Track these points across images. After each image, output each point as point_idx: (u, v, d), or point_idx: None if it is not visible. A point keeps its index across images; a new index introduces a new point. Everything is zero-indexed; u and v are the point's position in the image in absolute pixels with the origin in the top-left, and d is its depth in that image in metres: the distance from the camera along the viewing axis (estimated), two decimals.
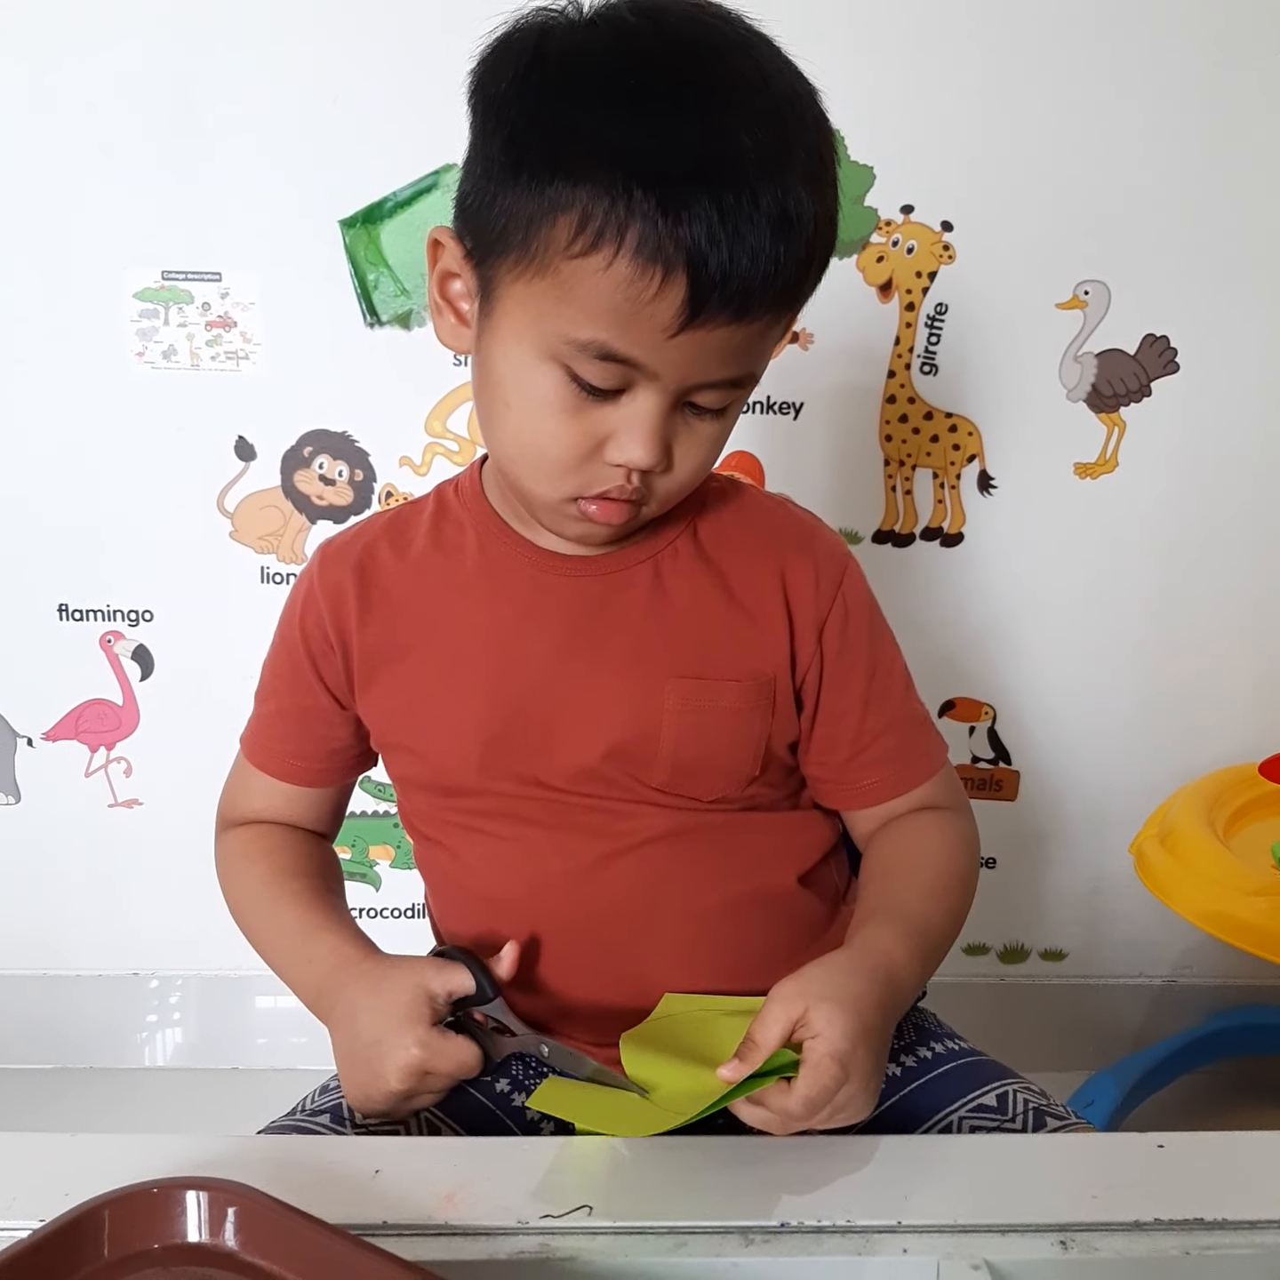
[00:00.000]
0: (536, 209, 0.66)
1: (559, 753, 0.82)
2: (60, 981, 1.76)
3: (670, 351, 0.68)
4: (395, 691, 0.85)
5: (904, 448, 1.59)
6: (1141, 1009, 1.81)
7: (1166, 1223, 0.61)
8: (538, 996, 0.82)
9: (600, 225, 0.64)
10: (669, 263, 0.64)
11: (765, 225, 0.65)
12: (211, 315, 1.51)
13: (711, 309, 0.66)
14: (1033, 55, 1.46)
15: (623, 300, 0.66)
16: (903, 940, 0.76)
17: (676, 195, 0.64)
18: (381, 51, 1.44)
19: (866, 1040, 0.69)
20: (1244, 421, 1.59)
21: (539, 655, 0.82)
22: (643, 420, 0.71)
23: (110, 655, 1.64)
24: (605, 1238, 0.60)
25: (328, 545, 0.89)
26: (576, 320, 0.68)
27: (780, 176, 0.66)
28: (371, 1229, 0.59)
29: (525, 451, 0.75)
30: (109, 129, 1.45)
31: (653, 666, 0.81)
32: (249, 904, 0.88)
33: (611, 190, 0.64)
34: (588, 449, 0.72)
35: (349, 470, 1.58)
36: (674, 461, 0.74)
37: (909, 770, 0.88)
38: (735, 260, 0.65)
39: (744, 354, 0.71)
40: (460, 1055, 0.73)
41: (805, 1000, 0.69)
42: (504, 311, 0.71)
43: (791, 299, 0.71)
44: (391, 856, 1.72)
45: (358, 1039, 0.75)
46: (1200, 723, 1.69)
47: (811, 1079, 0.67)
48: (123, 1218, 0.55)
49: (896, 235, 1.50)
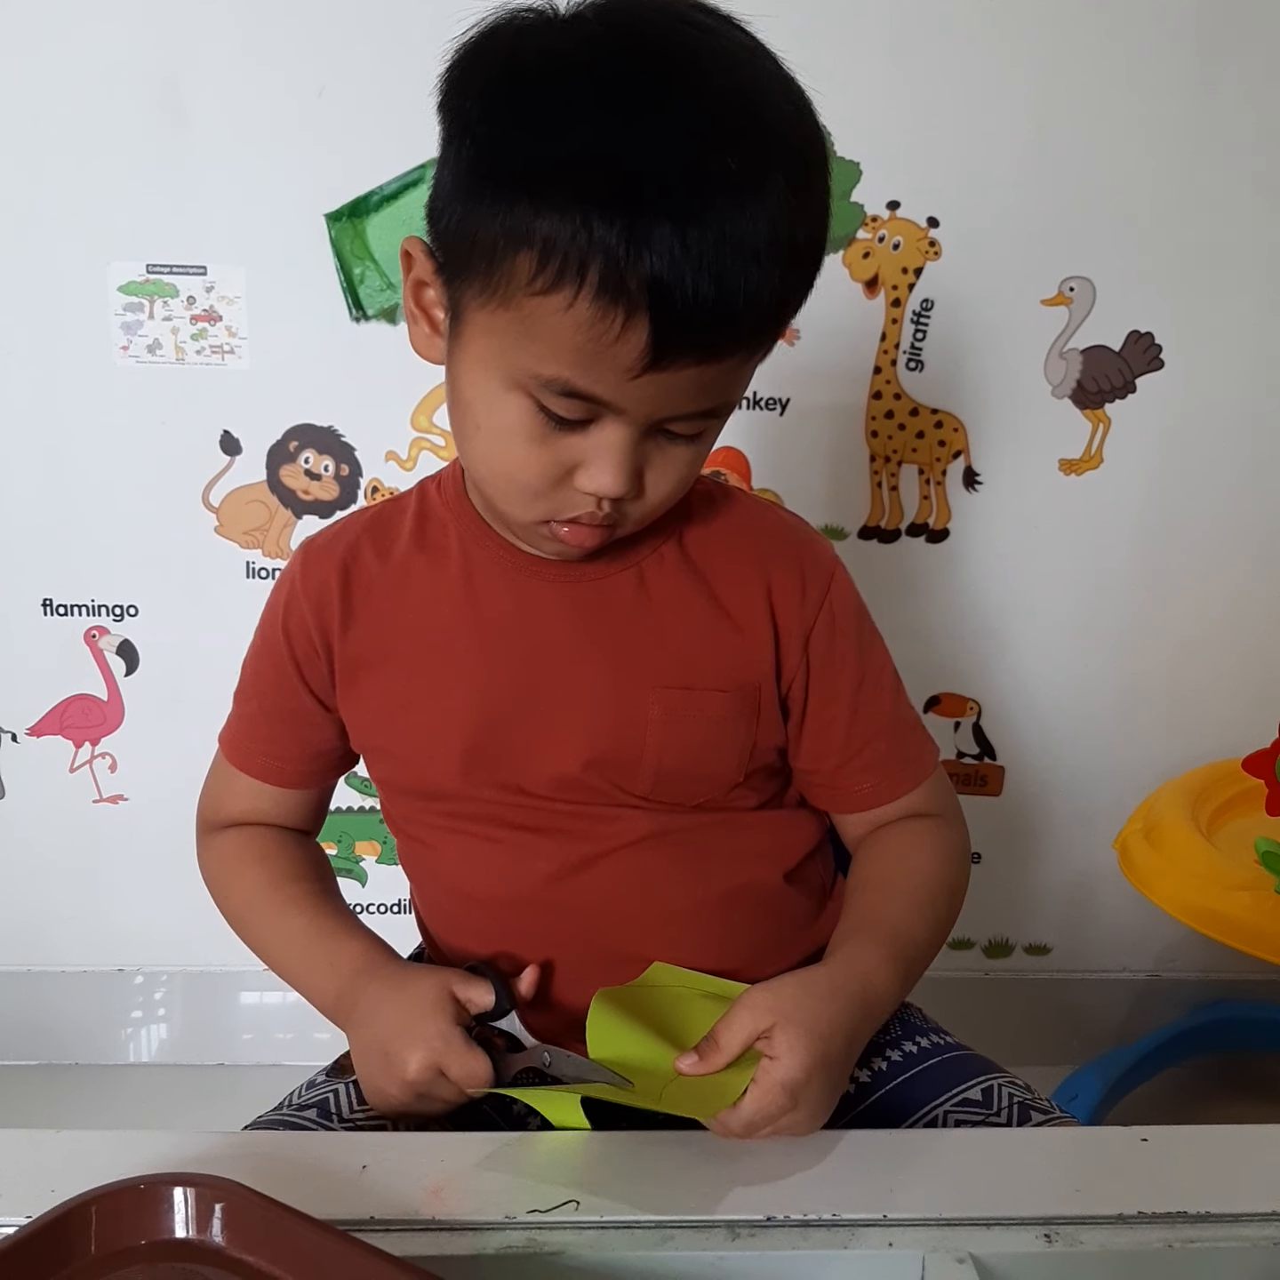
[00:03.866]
0: (499, 237, 0.64)
1: (540, 761, 0.81)
2: (45, 977, 1.76)
3: (635, 390, 0.66)
4: (376, 695, 0.84)
5: (890, 444, 1.59)
6: (1125, 1003, 1.82)
7: (1150, 1216, 0.62)
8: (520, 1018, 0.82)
9: (560, 263, 0.62)
10: (631, 304, 0.62)
11: (734, 259, 0.62)
12: (197, 309, 1.51)
13: (676, 351, 0.64)
14: (1019, 52, 1.46)
15: (585, 341, 0.64)
16: (886, 961, 0.76)
17: (639, 226, 0.60)
18: (368, 44, 1.43)
19: (824, 1071, 0.69)
20: (1228, 417, 1.59)
21: (521, 661, 0.81)
22: (611, 450, 0.69)
23: (95, 650, 1.63)
24: (592, 1232, 0.60)
25: (310, 544, 0.88)
26: (540, 356, 0.66)
27: (754, 205, 0.62)
28: (359, 1224, 0.59)
29: (496, 475, 0.74)
30: (94, 121, 1.44)
31: (637, 675, 0.81)
32: (251, 910, 0.88)
33: (572, 221, 0.61)
34: (557, 476, 0.71)
35: (335, 465, 1.58)
36: (646, 487, 0.73)
37: (899, 777, 0.87)
38: (700, 299, 0.62)
39: (715, 388, 0.69)
40: (473, 1065, 0.72)
41: (774, 1016, 0.69)
42: (471, 337, 0.70)
43: (765, 334, 0.69)
44: (378, 852, 1.72)
45: (379, 1033, 0.75)
46: (1184, 718, 1.70)
47: (757, 1105, 0.67)
48: (109, 1214, 0.55)
49: (883, 231, 1.51)
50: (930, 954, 0.82)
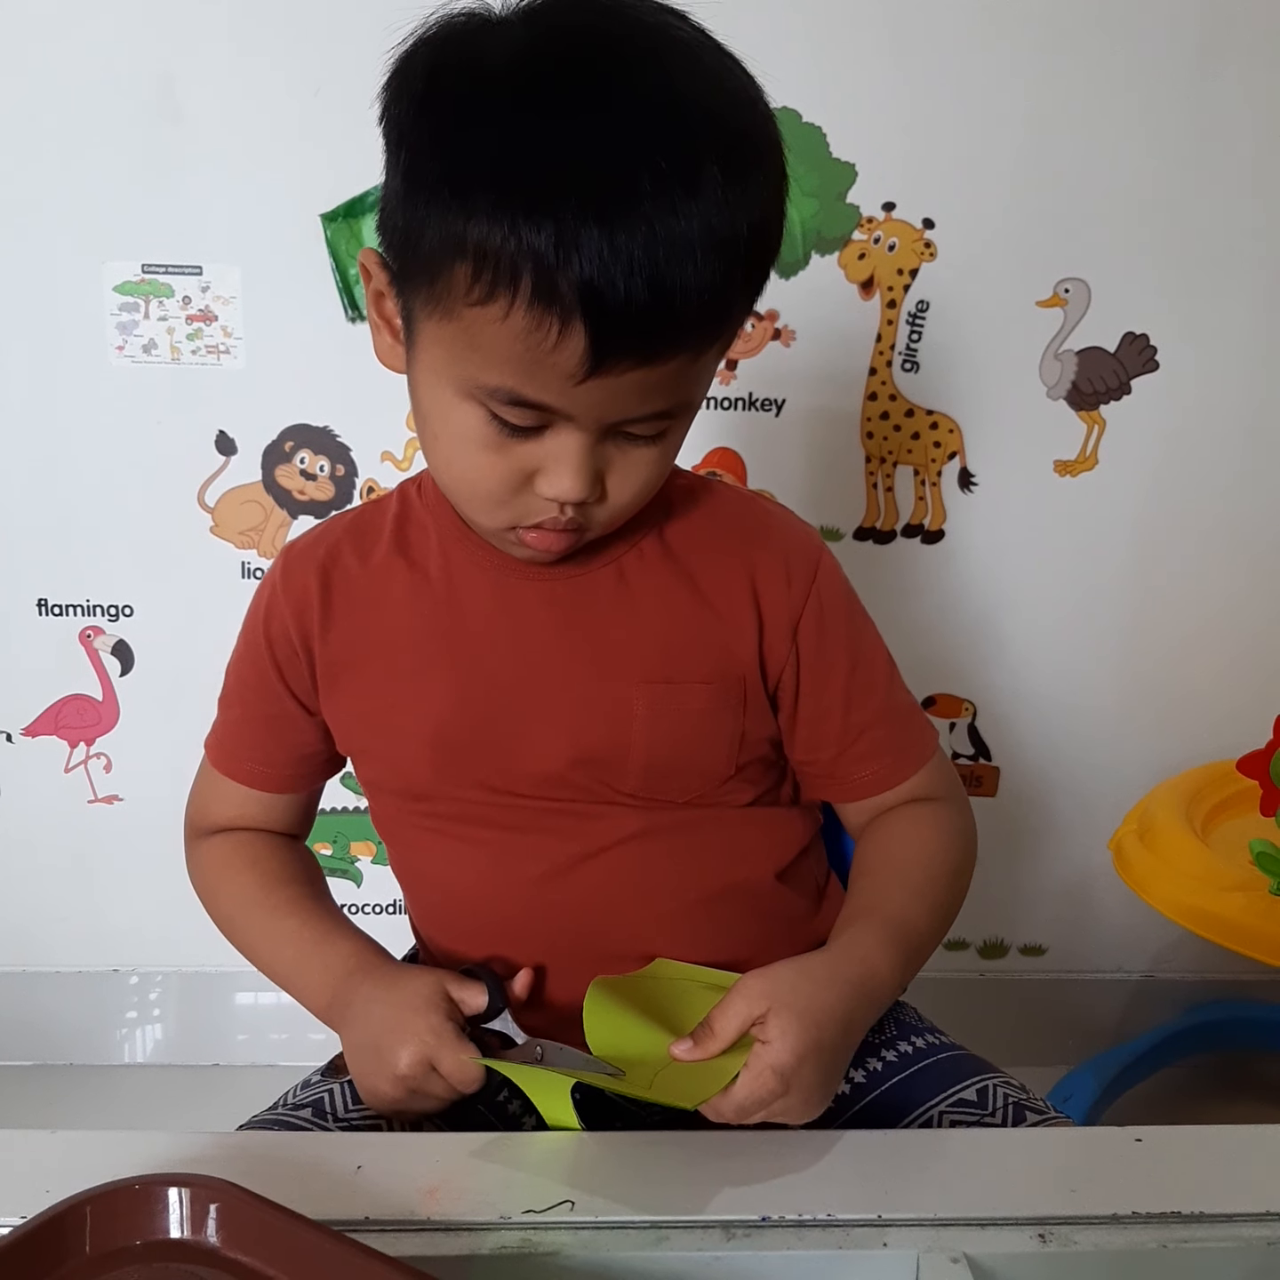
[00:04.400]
0: (436, 248, 0.64)
1: (524, 760, 0.81)
2: (40, 978, 1.76)
3: (581, 395, 0.66)
4: (358, 697, 0.84)
5: (885, 445, 1.59)
6: (1120, 1004, 1.82)
7: (1144, 1216, 0.62)
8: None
9: (493, 273, 0.62)
10: (565, 311, 0.62)
11: (667, 258, 0.61)
12: (192, 309, 1.51)
13: (616, 356, 0.64)
14: (1014, 53, 1.46)
15: (524, 350, 0.64)
16: (886, 946, 0.76)
17: (566, 231, 0.60)
18: (363, 44, 1.42)
19: (817, 1056, 0.69)
20: (1223, 419, 1.59)
21: (503, 660, 0.81)
22: (568, 456, 0.69)
23: (90, 650, 1.63)
24: (587, 1232, 0.60)
25: (290, 549, 0.88)
26: (484, 366, 0.66)
27: (686, 202, 0.61)
28: (354, 1224, 0.59)
29: (458, 484, 0.74)
30: (90, 121, 1.44)
31: (620, 672, 0.81)
32: (242, 913, 0.88)
33: (500, 227, 0.61)
34: (517, 483, 0.71)
35: (330, 465, 1.58)
36: (609, 490, 0.73)
37: (899, 762, 0.87)
38: (635, 302, 0.61)
39: (666, 389, 0.68)
40: (463, 1060, 0.72)
41: (768, 1001, 0.69)
42: (423, 346, 0.70)
43: (711, 331, 0.68)
44: (373, 853, 1.72)
45: (371, 1028, 0.75)
46: (1179, 719, 1.71)
47: (748, 1088, 0.68)
48: (105, 1214, 0.55)
49: (878, 232, 1.51)
50: (934, 939, 0.82)
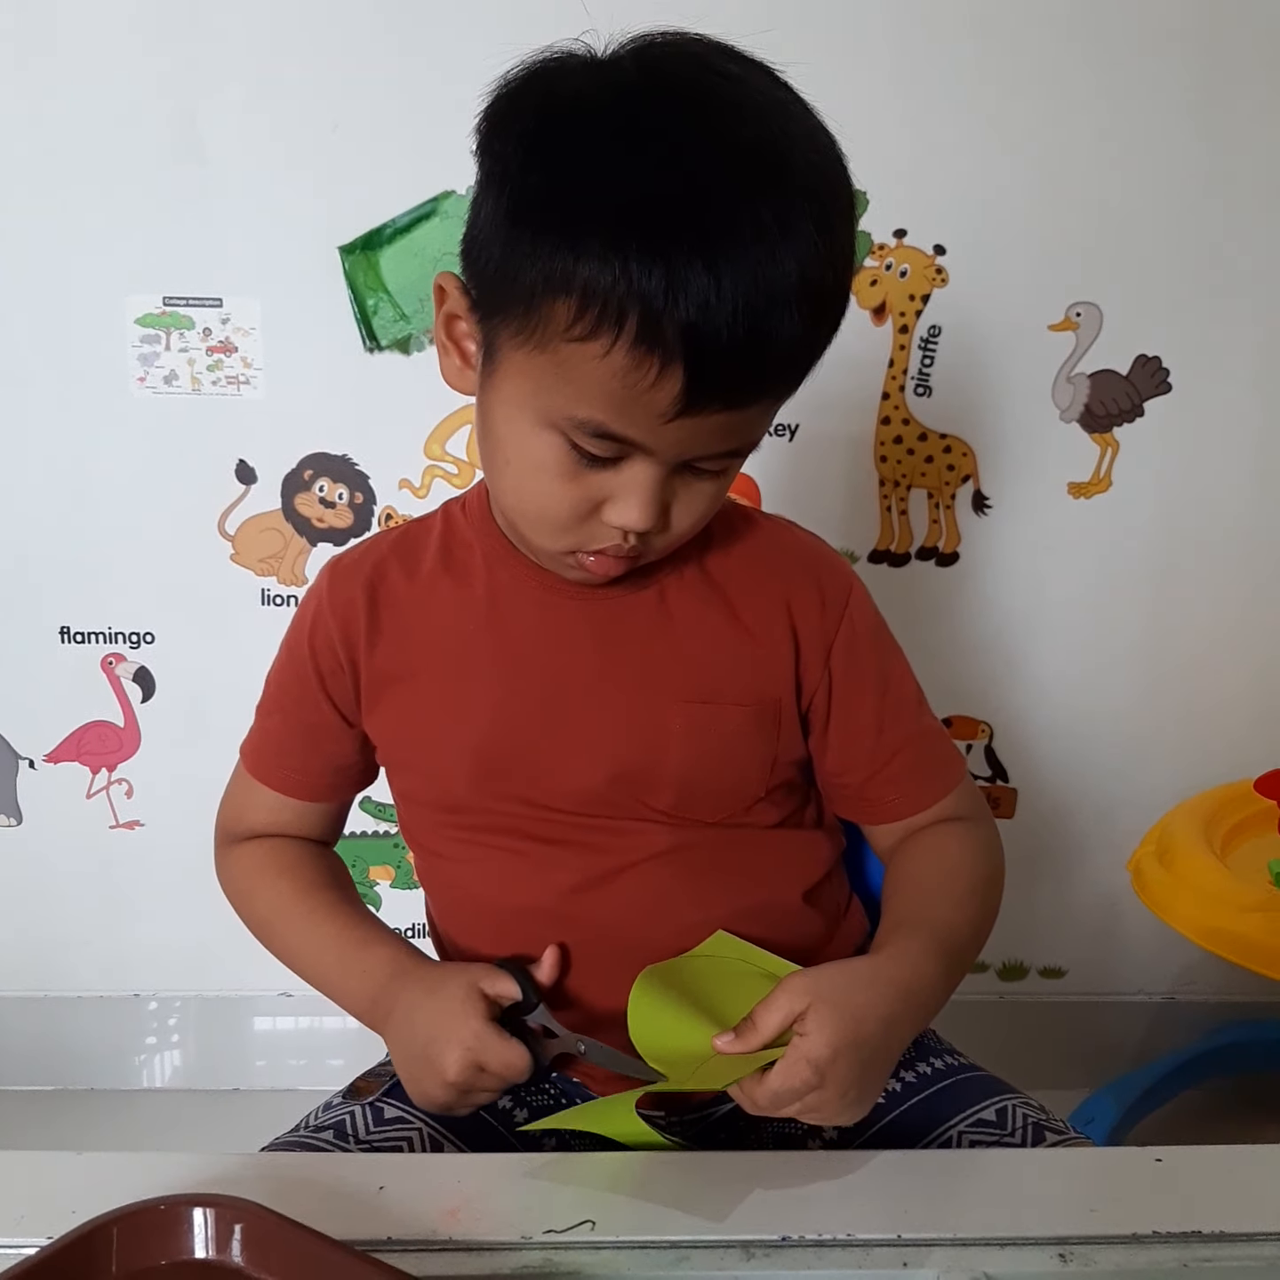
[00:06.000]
0: (538, 283, 0.65)
1: (562, 775, 0.82)
2: (61, 1003, 1.76)
3: (667, 433, 0.68)
4: (401, 711, 0.86)
5: (899, 468, 1.60)
6: (1141, 1026, 1.81)
7: (1164, 1236, 0.62)
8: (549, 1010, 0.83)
9: (599, 311, 0.64)
10: (667, 353, 0.64)
11: (767, 306, 0.64)
12: (212, 340, 1.53)
13: (708, 398, 0.66)
14: (1025, 79, 1.47)
15: (619, 387, 0.66)
16: (931, 954, 0.77)
17: (675, 275, 0.62)
18: (381, 79, 1.45)
19: (855, 1052, 0.70)
20: (1236, 441, 1.60)
21: (544, 677, 0.83)
22: (640, 487, 0.71)
23: (111, 677, 1.65)
24: (608, 1252, 0.60)
25: (337, 562, 0.89)
26: (575, 399, 0.68)
27: (786, 253, 0.64)
28: (376, 1244, 0.59)
29: (525, 508, 0.76)
30: (112, 155, 1.46)
31: (658, 691, 0.82)
32: (279, 918, 0.89)
33: (611, 269, 0.62)
34: (586, 510, 0.73)
35: (349, 493, 1.59)
36: (671, 520, 0.75)
37: (929, 785, 0.89)
38: (734, 347, 0.64)
39: (743, 430, 0.72)
40: (509, 1056, 0.75)
41: (810, 997, 0.70)
42: (505, 375, 0.72)
43: (792, 379, 0.71)
44: (392, 876, 1.73)
45: (416, 1037, 0.77)
46: (1196, 740, 1.70)
47: (782, 1078, 0.69)
48: (131, 1234, 0.55)
49: (890, 259, 1.52)
50: (975, 946, 0.83)
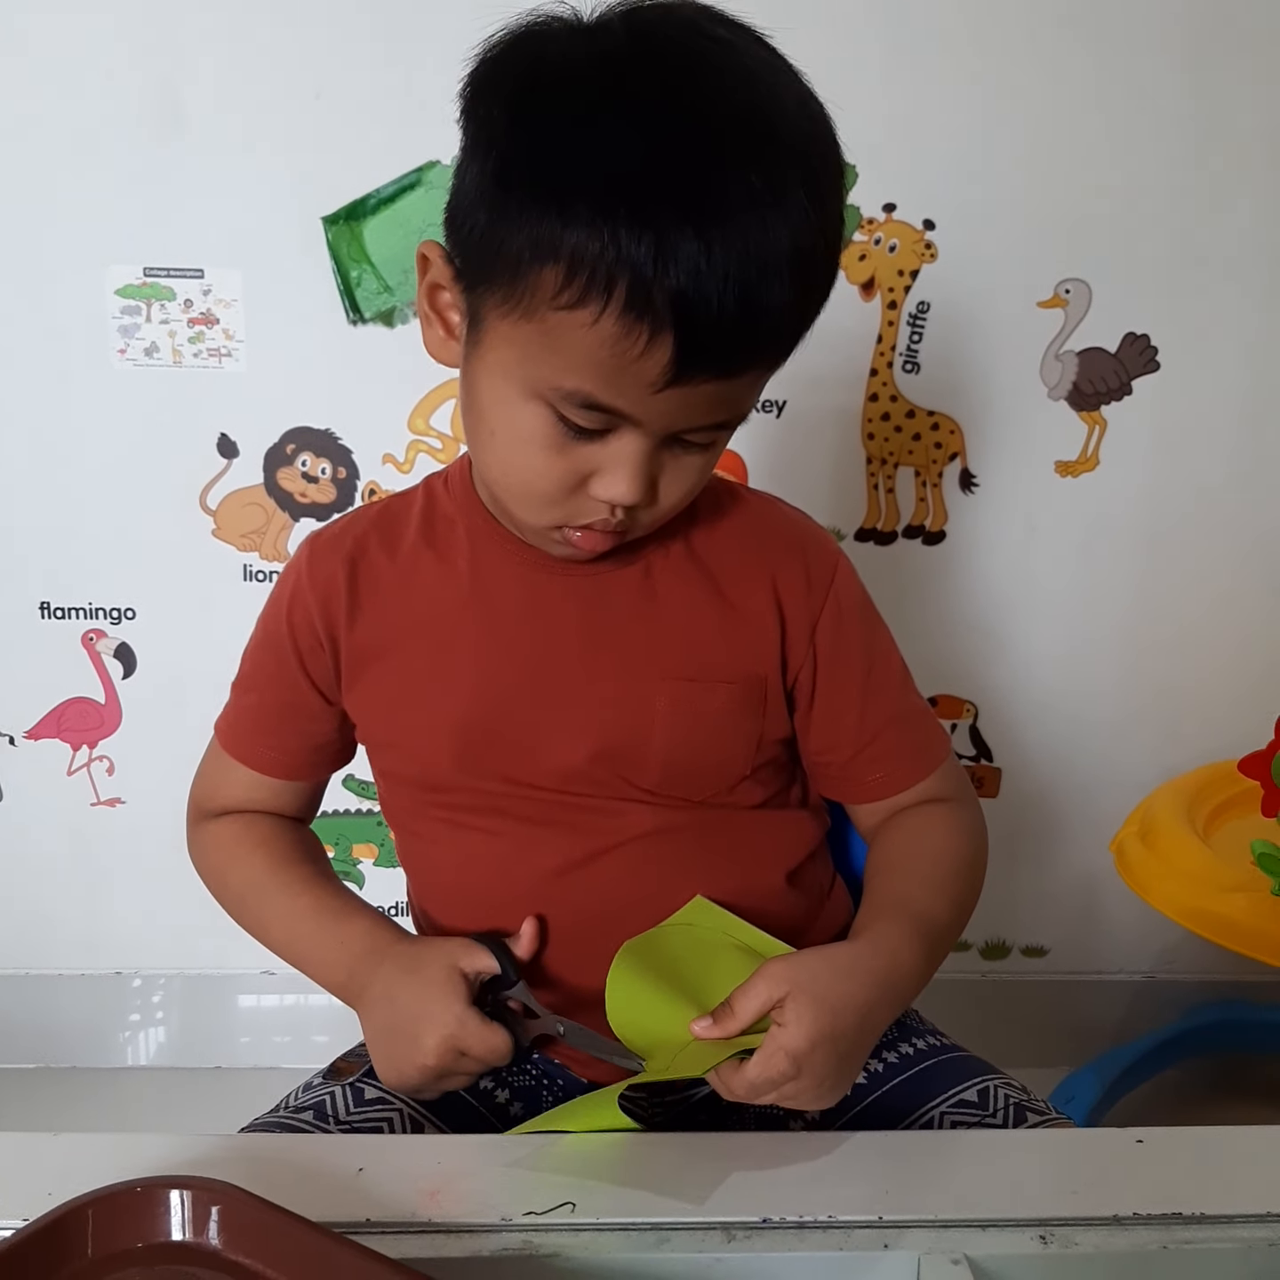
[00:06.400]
0: (525, 250, 0.64)
1: (545, 753, 0.82)
2: (42, 981, 1.76)
3: (656, 404, 0.67)
4: (382, 688, 0.85)
5: (886, 446, 1.59)
6: (1122, 1005, 1.82)
7: (1145, 1217, 0.62)
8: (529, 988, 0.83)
9: (588, 278, 0.63)
10: (656, 321, 0.63)
11: (758, 274, 0.63)
12: (194, 312, 1.51)
13: (699, 368, 0.65)
14: (1015, 54, 1.46)
15: (608, 356, 0.65)
16: (910, 939, 0.77)
17: (665, 242, 0.61)
18: (364, 47, 1.43)
19: (831, 1043, 0.69)
20: (1223, 420, 1.60)
21: (528, 654, 0.82)
22: (628, 460, 0.70)
23: (92, 653, 1.63)
24: (588, 1234, 0.60)
25: (316, 537, 0.88)
26: (562, 369, 0.67)
27: (776, 220, 0.63)
28: (355, 1227, 0.59)
29: (510, 481, 0.75)
30: (91, 124, 1.44)
31: (643, 668, 0.81)
32: (253, 891, 0.88)
33: (599, 235, 0.61)
34: (572, 484, 0.72)
35: (332, 468, 1.58)
36: (659, 494, 0.74)
37: (914, 764, 0.88)
38: (725, 315, 0.63)
39: (732, 401, 0.71)
40: (492, 1040, 0.74)
41: (788, 985, 0.70)
42: (490, 345, 0.70)
43: (783, 348, 0.70)
44: (375, 855, 1.72)
45: (395, 1015, 0.76)
46: (1181, 719, 1.71)
47: (760, 1068, 0.69)
48: (106, 1217, 0.55)
49: (879, 234, 1.51)
50: (955, 931, 0.83)
